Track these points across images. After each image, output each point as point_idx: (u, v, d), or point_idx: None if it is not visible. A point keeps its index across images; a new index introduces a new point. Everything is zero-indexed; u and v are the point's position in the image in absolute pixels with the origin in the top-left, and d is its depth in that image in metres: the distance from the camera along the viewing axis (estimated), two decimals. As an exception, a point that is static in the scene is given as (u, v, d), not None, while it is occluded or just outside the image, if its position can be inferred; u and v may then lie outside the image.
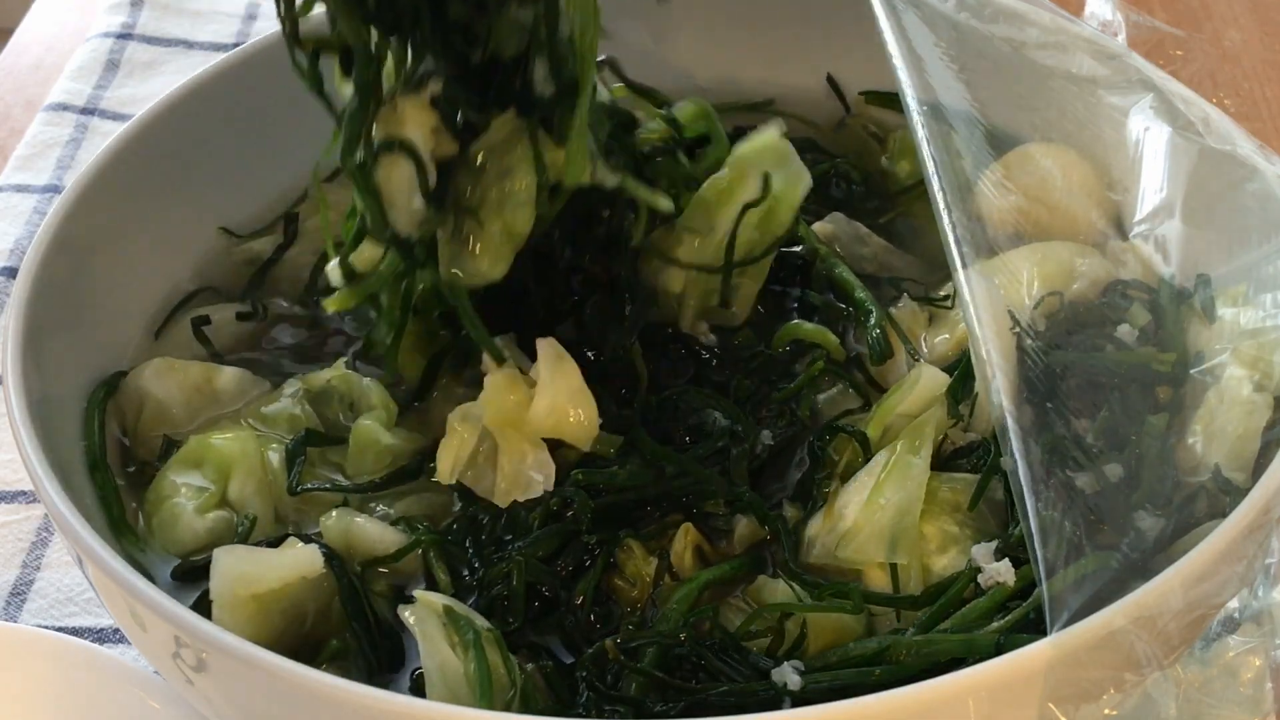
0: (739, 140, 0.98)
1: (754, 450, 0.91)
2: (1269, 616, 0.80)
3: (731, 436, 0.91)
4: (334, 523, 0.87)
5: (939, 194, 0.85)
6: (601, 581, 0.85)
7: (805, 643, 0.81)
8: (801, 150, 1.11)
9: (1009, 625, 0.78)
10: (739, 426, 0.91)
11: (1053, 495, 0.76)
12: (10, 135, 1.39)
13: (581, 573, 0.85)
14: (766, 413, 0.93)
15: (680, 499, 0.89)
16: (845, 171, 1.11)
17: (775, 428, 0.92)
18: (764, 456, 0.91)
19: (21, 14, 1.57)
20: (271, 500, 0.91)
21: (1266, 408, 0.85)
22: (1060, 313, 0.92)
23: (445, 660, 0.78)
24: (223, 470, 0.90)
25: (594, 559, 0.86)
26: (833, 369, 0.95)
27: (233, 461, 0.90)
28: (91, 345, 0.97)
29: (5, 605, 1.01)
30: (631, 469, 0.88)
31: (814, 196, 1.04)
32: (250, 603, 0.81)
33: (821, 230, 1.04)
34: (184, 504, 0.89)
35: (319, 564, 0.83)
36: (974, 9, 0.98)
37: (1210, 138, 0.94)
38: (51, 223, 0.95)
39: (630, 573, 0.86)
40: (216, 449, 0.91)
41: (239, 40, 1.47)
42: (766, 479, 0.91)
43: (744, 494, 0.88)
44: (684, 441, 0.91)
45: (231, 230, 1.08)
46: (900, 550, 0.84)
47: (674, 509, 0.89)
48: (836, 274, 1.00)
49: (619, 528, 0.87)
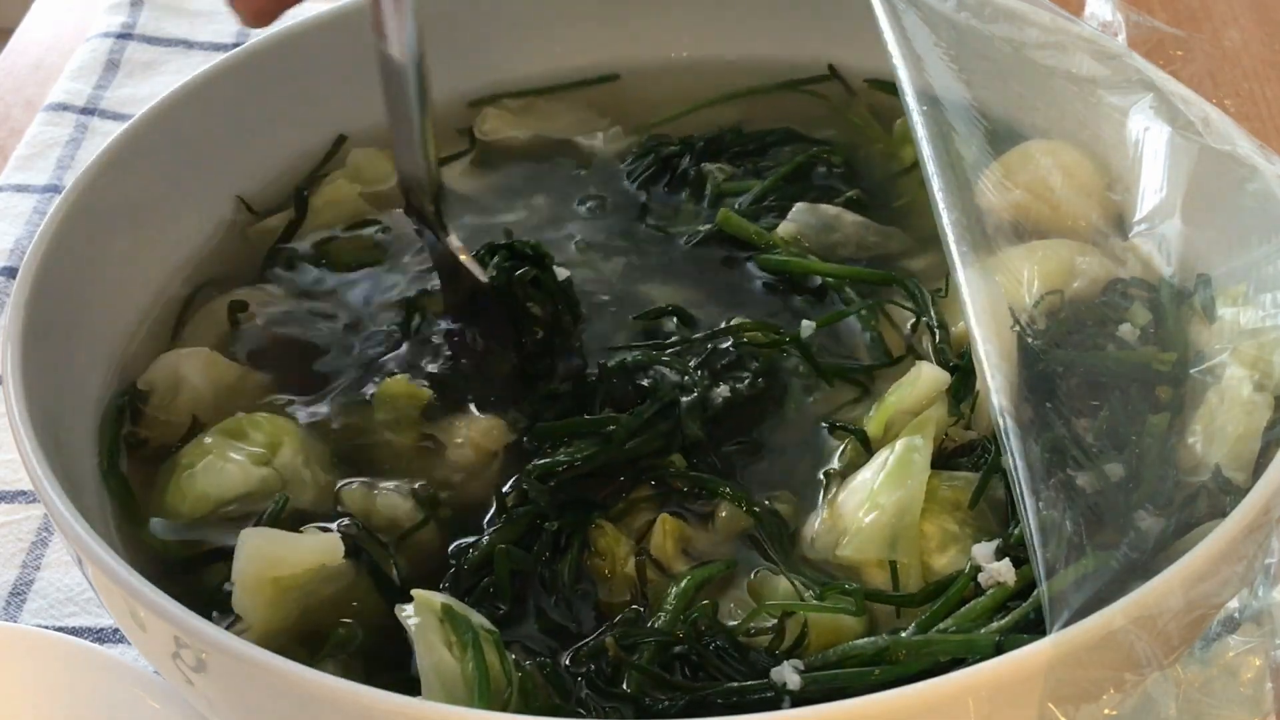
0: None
1: (706, 400, 0.91)
2: (1269, 616, 0.80)
3: (680, 389, 0.92)
4: (354, 492, 0.89)
5: (939, 193, 0.85)
6: (580, 562, 0.86)
7: (806, 641, 0.81)
8: (781, 142, 1.12)
9: (1009, 625, 0.78)
10: (686, 377, 0.92)
11: (1053, 495, 0.76)
12: (10, 135, 1.39)
13: (559, 556, 0.86)
14: (722, 367, 0.95)
15: (640, 467, 0.89)
16: (825, 156, 1.12)
17: (734, 385, 0.93)
18: (720, 406, 0.92)
19: (21, 14, 1.57)
20: (317, 475, 0.91)
21: (1266, 408, 0.85)
22: (1060, 311, 0.92)
23: (441, 660, 0.78)
24: (273, 440, 0.91)
25: (568, 542, 0.86)
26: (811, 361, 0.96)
27: (283, 433, 0.92)
28: (92, 345, 0.97)
29: (5, 605, 1.01)
30: (579, 446, 0.89)
31: (795, 186, 1.07)
32: (269, 586, 0.82)
33: (785, 231, 1.05)
34: (235, 456, 0.90)
35: (339, 552, 0.84)
36: (974, 9, 0.98)
37: (1210, 138, 0.94)
38: (51, 223, 0.95)
39: (603, 548, 0.86)
40: (264, 423, 0.92)
41: (239, 40, 1.47)
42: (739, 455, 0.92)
43: (707, 479, 0.89)
44: (637, 404, 0.92)
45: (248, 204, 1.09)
46: (900, 549, 0.84)
47: (637, 482, 0.89)
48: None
49: (587, 511, 0.87)
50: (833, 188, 1.10)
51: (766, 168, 1.12)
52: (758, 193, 1.09)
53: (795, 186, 1.10)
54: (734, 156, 1.14)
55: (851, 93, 1.18)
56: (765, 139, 1.15)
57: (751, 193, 1.09)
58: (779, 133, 1.15)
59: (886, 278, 1.01)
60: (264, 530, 0.85)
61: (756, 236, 1.05)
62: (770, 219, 1.07)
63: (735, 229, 1.05)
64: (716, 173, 1.11)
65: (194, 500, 0.89)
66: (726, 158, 1.14)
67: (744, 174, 1.12)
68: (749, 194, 1.09)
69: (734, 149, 1.14)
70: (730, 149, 1.14)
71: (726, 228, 1.06)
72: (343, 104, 1.13)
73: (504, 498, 0.88)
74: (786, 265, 1.03)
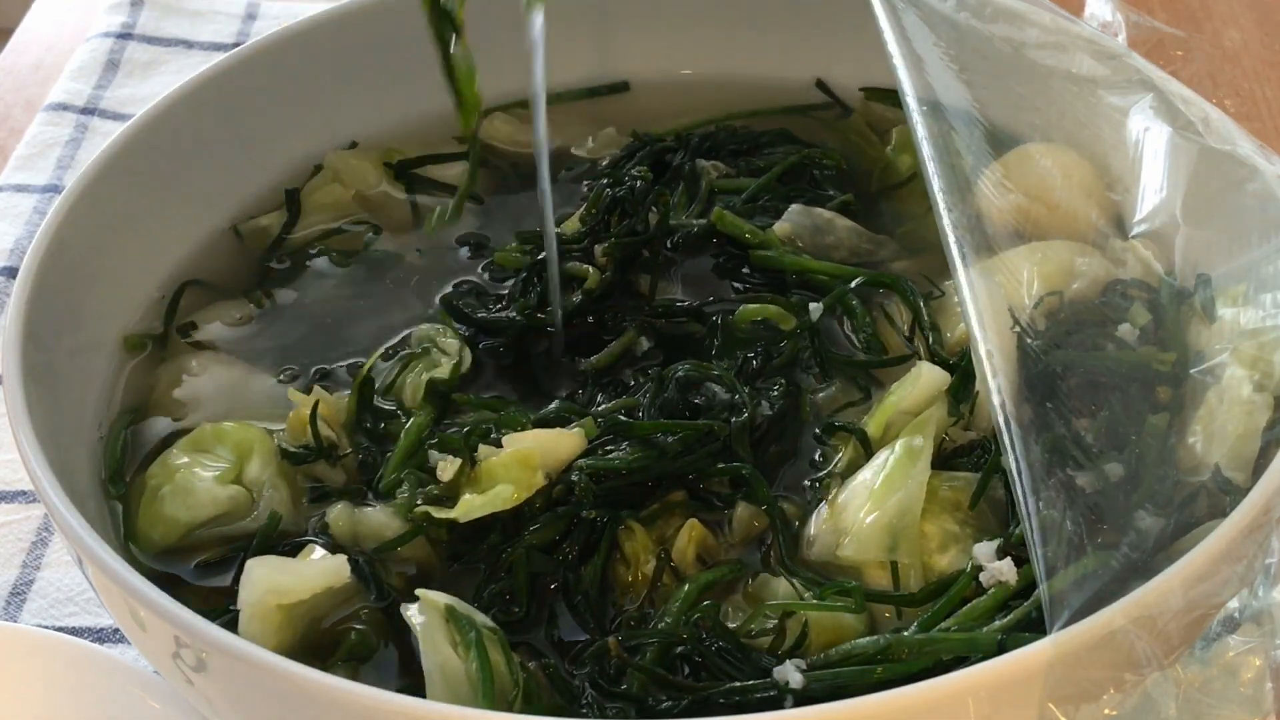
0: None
1: (754, 420, 0.91)
2: (1269, 616, 0.80)
3: (731, 409, 0.91)
4: (339, 514, 0.88)
5: (939, 194, 0.85)
6: (606, 564, 0.86)
7: (807, 641, 0.81)
8: (774, 143, 1.12)
9: (1011, 624, 0.78)
10: (737, 397, 0.92)
11: (1053, 495, 0.76)
12: (10, 135, 1.39)
13: (588, 556, 0.86)
14: (762, 384, 0.95)
15: (682, 477, 0.89)
16: (818, 159, 1.12)
17: (770, 398, 0.93)
18: (764, 426, 0.92)
19: (21, 14, 1.57)
20: (289, 488, 0.91)
21: (1266, 408, 0.85)
22: (1060, 312, 0.92)
23: (446, 660, 0.78)
24: (241, 451, 0.91)
25: (599, 539, 0.86)
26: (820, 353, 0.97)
27: (252, 444, 0.91)
28: (91, 345, 0.97)
29: (5, 605, 1.01)
30: (632, 451, 0.89)
31: (789, 187, 1.08)
32: (276, 612, 0.82)
33: (780, 230, 1.05)
34: (202, 474, 0.90)
35: (346, 573, 0.84)
36: (974, 9, 0.98)
37: (1210, 138, 0.94)
38: (51, 223, 0.95)
39: (629, 552, 0.86)
40: (231, 433, 0.92)
41: (239, 40, 1.47)
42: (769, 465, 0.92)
43: (745, 468, 0.89)
44: (686, 418, 0.92)
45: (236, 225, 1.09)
46: (901, 549, 0.84)
47: (675, 487, 0.89)
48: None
49: (620, 509, 0.87)
50: (825, 192, 1.10)
51: (760, 167, 1.12)
52: (752, 191, 1.09)
53: (789, 187, 1.10)
54: (728, 155, 1.14)
55: (848, 111, 1.18)
56: (759, 139, 1.15)
57: (746, 191, 1.09)
58: (773, 133, 1.16)
59: (881, 279, 1.01)
60: (269, 559, 0.85)
61: (751, 235, 1.05)
62: (764, 219, 1.07)
63: (729, 228, 1.05)
64: (711, 170, 1.11)
65: (165, 526, 0.89)
66: (721, 156, 1.14)
67: (738, 172, 1.12)
68: (744, 193, 1.09)
69: (729, 147, 1.14)
70: (725, 147, 1.14)
71: (721, 226, 1.06)
72: (343, 103, 1.13)
73: (550, 490, 0.87)
74: (781, 263, 1.03)
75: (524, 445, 0.87)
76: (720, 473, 0.89)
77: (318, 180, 1.12)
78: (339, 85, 1.13)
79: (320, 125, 1.13)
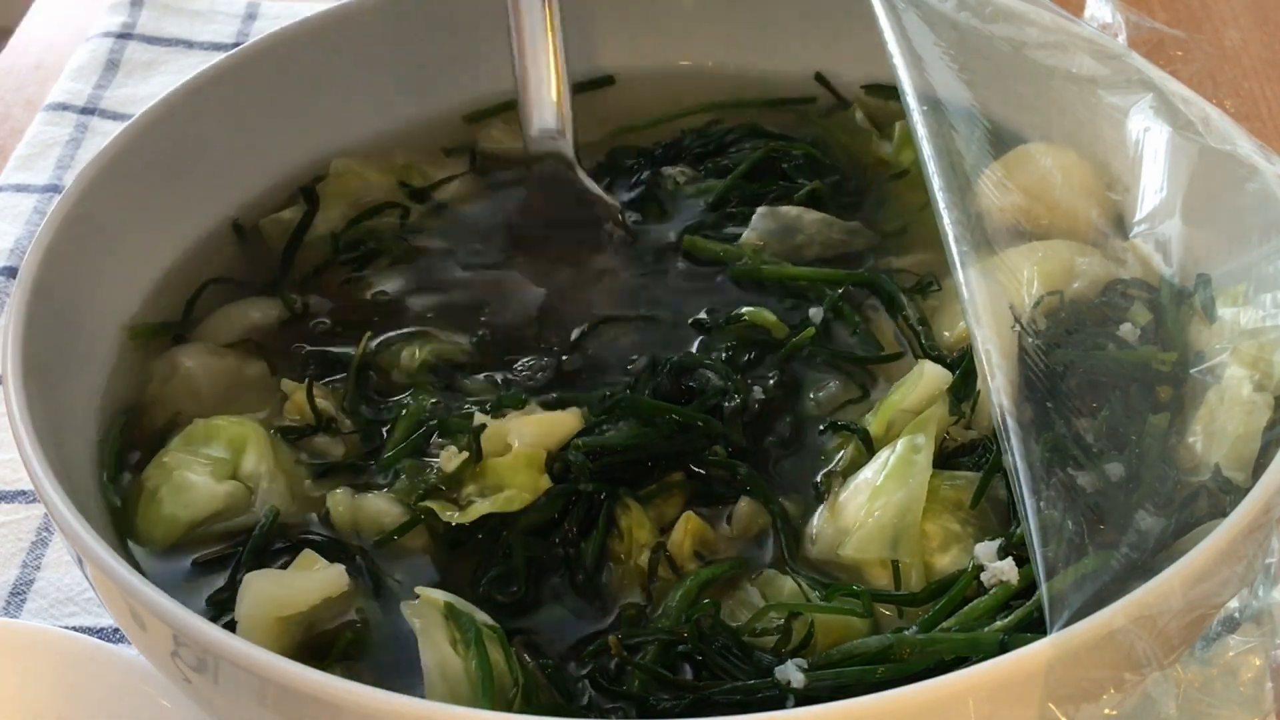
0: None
1: (746, 405, 0.92)
2: (1269, 616, 0.80)
3: (724, 394, 0.92)
4: (340, 499, 0.89)
5: (939, 193, 0.85)
6: (605, 542, 0.86)
7: (813, 641, 0.81)
8: (741, 140, 1.12)
9: (1013, 624, 0.78)
10: (730, 383, 0.93)
11: (1053, 494, 0.76)
12: (10, 135, 1.39)
13: (586, 534, 0.87)
14: (758, 373, 0.96)
15: (679, 458, 0.90)
16: (787, 151, 1.12)
17: (765, 386, 0.94)
18: (756, 410, 0.93)
19: (21, 14, 1.57)
20: (286, 479, 0.91)
21: (1266, 408, 0.85)
22: (1060, 311, 0.92)
23: (446, 658, 0.78)
24: (236, 446, 0.91)
25: (597, 515, 0.87)
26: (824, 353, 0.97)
27: (246, 438, 0.91)
28: (92, 344, 0.97)
29: (5, 605, 1.01)
30: (629, 429, 0.90)
31: (756, 185, 1.08)
32: (275, 624, 0.82)
33: (748, 240, 1.05)
34: (198, 471, 0.90)
35: (344, 584, 0.84)
36: (974, 9, 0.98)
37: (1210, 138, 0.94)
38: (51, 223, 0.95)
39: (624, 527, 0.86)
40: (226, 428, 0.92)
41: (239, 40, 1.47)
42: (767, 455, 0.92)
43: (742, 468, 0.89)
44: (681, 402, 0.93)
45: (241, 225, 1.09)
46: (902, 548, 0.84)
47: (672, 467, 0.90)
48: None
49: (618, 486, 0.88)
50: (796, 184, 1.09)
51: (727, 167, 1.12)
52: (719, 194, 1.09)
53: (756, 185, 1.09)
54: (694, 159, 1.14)
55: (845, 104, 1.18)
56: (725, 138, 1.15)
57: (712, 193, 1.09)
58: (741, 129, 1.15)
59: (856, 278, 1.01)
60: (268, 573, 0.85)
61: (724, 255, 1.05)
62: (734, 227, 1.07)
63: (702, 252, 1.05)
64: (678, 176, 1.11)
65: (165, 526, 0.89)
66: (686, 160, 1.13)
67: (705, 174, 1.12)
68: (710, 194, 1.09)
69: (695, 150, 1.14)
70: (691, 151, 1.14)
71: (693, 251, 1.06)
72: (343, 103, 1.13)
73: (550, 467, 0.88)
74: (759, 274, 1.03)
75: (527, 430, 0.88)
76: (716, 463, 0.90)
77: (330, 174, 1.11)
78: (339, 85, 1.13)
79: (321, 125, 1.13)
